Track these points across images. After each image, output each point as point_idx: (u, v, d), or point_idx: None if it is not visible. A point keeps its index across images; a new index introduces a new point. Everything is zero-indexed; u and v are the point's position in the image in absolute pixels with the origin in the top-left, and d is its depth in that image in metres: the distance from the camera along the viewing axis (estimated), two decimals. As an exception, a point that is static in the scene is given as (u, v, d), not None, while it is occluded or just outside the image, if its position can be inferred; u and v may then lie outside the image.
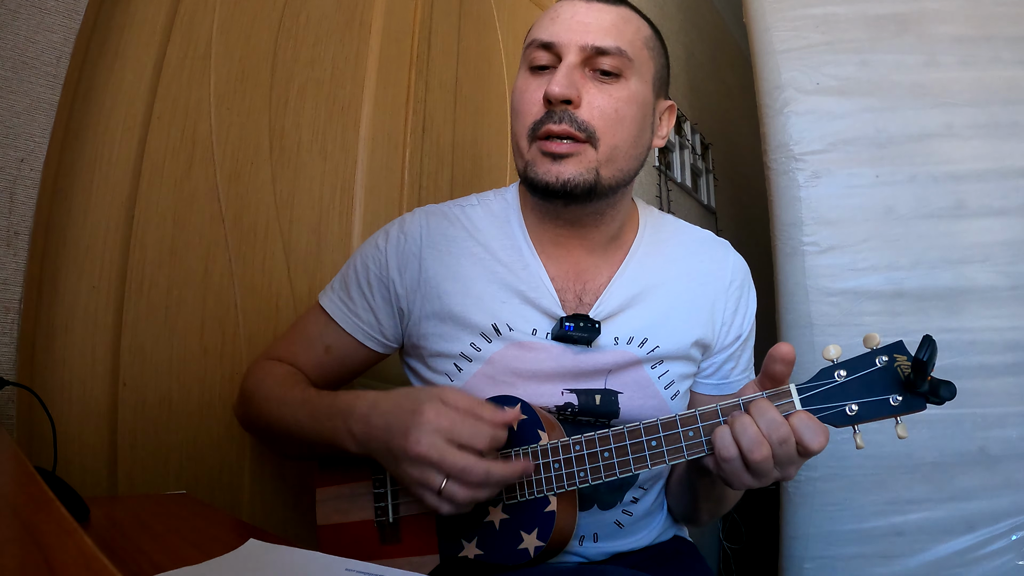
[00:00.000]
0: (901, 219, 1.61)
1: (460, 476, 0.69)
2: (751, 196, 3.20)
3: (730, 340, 0.96)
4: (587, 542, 0.89)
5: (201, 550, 0.59)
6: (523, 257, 0.91)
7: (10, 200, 0.78)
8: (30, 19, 0.81)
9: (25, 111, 0.80)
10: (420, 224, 0.93)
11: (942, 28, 1.68)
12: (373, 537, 0.84)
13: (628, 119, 0.83)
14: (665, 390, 0.90)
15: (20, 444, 0.79)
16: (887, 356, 0.71)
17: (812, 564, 1.56)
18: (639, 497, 0.92)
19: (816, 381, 0.72)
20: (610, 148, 0.82)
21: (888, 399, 0.70)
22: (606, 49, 0.81)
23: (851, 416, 0.71)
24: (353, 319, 0.93)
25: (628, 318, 0.89)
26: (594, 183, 0.82)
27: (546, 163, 0.82)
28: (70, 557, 0.33)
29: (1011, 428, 1.50)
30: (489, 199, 0.98)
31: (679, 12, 2.75)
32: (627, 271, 0.92)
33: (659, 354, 0.89)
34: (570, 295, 0.89)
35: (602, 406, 0.87)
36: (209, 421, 1.02)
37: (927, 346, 0.66)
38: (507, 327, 0.87)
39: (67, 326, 0.88)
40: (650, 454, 0.74)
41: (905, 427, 0.71)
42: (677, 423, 0.74)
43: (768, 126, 1.74)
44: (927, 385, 0.68)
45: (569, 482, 0.76)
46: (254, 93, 1.14)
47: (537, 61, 0.85)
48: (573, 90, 0.80)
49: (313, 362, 0.95)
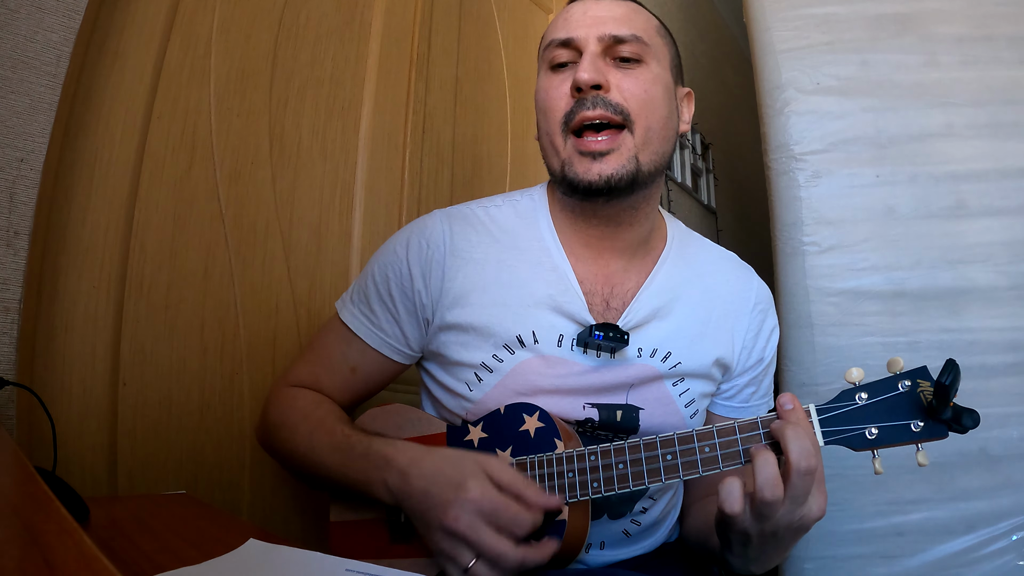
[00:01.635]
0: (901, 219, 1.61)
1: (493, 560, 0.68)
2: (751, 196, 3.20)
3: (752, 363, 0.95)
4: (593, 550, 0.88)
5: (201, 550, 0.59)
6: (551, 258, 0.89)
7: (10, 200, 0.78)
8: (30, 19, 0.81)
9: (25, 111, 0.80)
10: (443, 231, 0.90)
11: (943, 28, 1.67)
12: (383, 535, 0.85)
13: (657, 100, 0.83)
14: (685, 408, 0.89)
15: (20, 444, 0.79)
16: (910, 381, 0.70)
17: (812, 564, 1.55)
18: (648, 507, 0.91)
19: (836, 403, 0.71)
20: (645, 129, 0.82)
21: (910, 424, 0.69)
22: (623, 37, 0.82)
23: (871, 440, 0.69)
24: (378, 334, 0.90)
25: (654, 330, 0.88)
26: (635, 173, 0.81)
27: (585, 162, 0.81)
28: (70, 557, 0.33)
29: (1012, 428, 1.50)
30: (516, 199, 0.96)
31: (679, 11, 2.75)
32: (656, 280, 0.90)
33: (681, 370, 0.88)
34: (598, 299, 0.87)
35: (623, 422, 0.85)
36: (209, 421, 1.02)
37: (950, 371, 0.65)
38: (532, 337, 0.84)
39: (67, 326, 0.88)
40: (664, 466, 0.73)
41: (925, 455, 0.69)
42: (694, 438, 0.73)
43: (768, 126, 1.73)
44: (950, 412, 0.67)
45: (582, 492, 0.75)
46: (254, 93, 1.14)
47: (558, 59, 0.85)
48: (601, 76, 0.80)
49: (338, 384, 0.93)
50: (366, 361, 0.92)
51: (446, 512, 0.68)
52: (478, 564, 0.68)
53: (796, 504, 0.66)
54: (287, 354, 1.14)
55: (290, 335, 1.15)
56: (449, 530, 0.68)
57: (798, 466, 0.64)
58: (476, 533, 0.67)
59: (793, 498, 0.66)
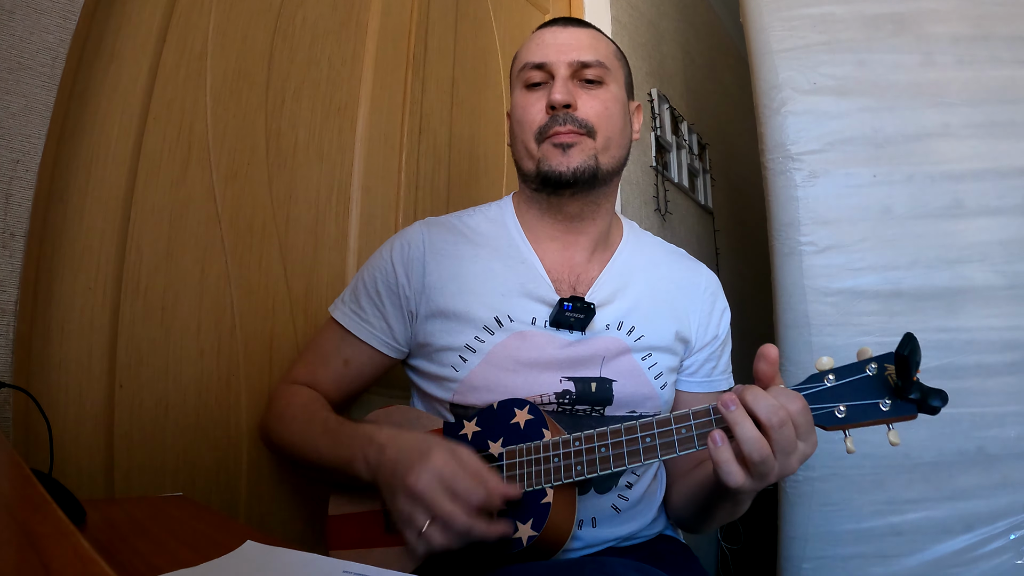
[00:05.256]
0: (898, 219, 1.62)
1: (444, 522, 0.73)
2: (748, 196, 3.21)
3: (708, 339, 1.07)
4: (586, 526, 0.93)
5: (198, 552, 0.59)
6: (520, 253, 1.01)
7: (6, 201, 0.78)
8: (25, 20, 0.81)
9: (20, 112, 0.80)
10: (422, 234, 1.02)
11: (939, 27, 1.68)
12: (379, 525, 0.88)
13: (615, 115, 0.99)
14: (655, 380, 0.98)
15: (16, 446, 0.79)
16: (876, 364, 0.73)
17: (810, 564, 1.56)
18: (633, 482, 0.97)
19: (805, 384, 0.75)
20: (605, 138, 0.97)
21: (878, 403, 0.72)
22: (589, 62, 0.98)
23: (840, 418, 0.73)
24: (366, 327, 1.00)
25: (616, 306, 0.99)
26: (596, 168, 0.96)
27: (557, 155, 0.95)
28: (67, 560, 0.33)
29: (1009, 427, 1.50)
30: (484, 209, 1.10)
31: (676, 12, 2.75)
32: (615, 266, 1.03)
33: (645, 344, 0.98)
34: (564, 284, 0.99)
35: (598, 392, 0.94)
36: (206, 423, 1.02)
37: (908, 343, 0.67)
38: (508, 318, 0.95)
39: (63, 328, 0.88)
40: (644, 448, 0.78)
41: (897, 434, 0.72)
42: (671, 420, 0.77)
43: (765, 126, 1.74)
44: (916, 391, 0.69)
45: (567, 474, 0.80)
46: (250, 94, 1.14)
47: (532, 80, 1.00)
48: (571, 97, 0.96)
49: (332, 377, 1.02)
50: (357, 354, 1.01)
51: (408, 474, 0.75)
52: (431, 528, 0.74)
53: (787, 454, 0.71)
54: (284, 355, 1.13)
55: (287, 336, 1.15)
56: (409, 490, 0.75)
57: (769, 422, 0.69)
58: (432, 493, 0.73)
59: (782, 450, 0.70)
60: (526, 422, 0.85)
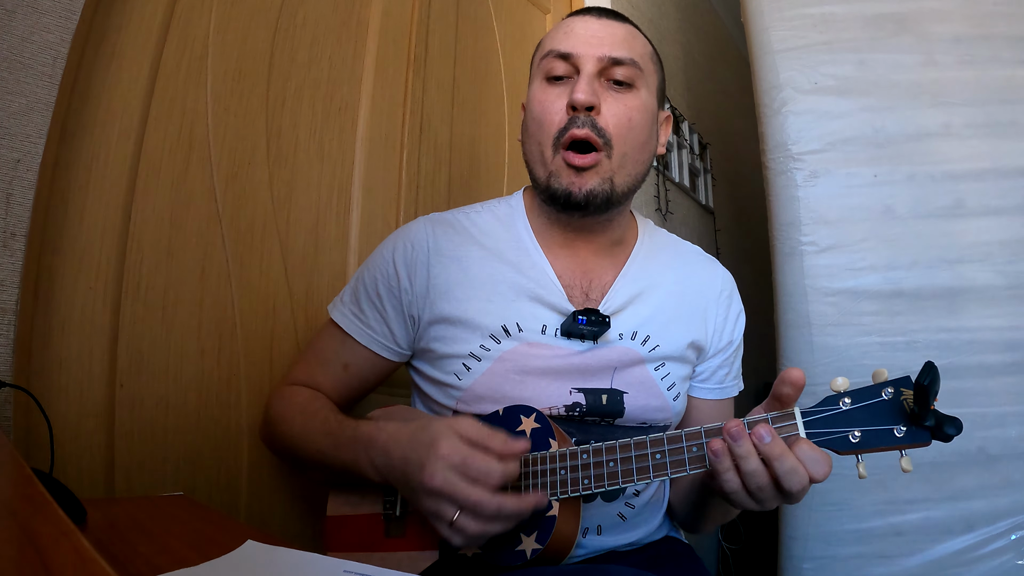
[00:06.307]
0: (899, 218, 1.61)
1: (473, 510, 0.70)
2: (749, 196, 3.20)
3: (723, 345, 1.01)
4: (591, 534, 0.90)
5: (199, 552, 0.59)
6: (530, 256, 0.95)
7: (6, 201, 0.78)
8: (26, 19, 0.81)
9: (21, 112, 0.80)
10: (426, 232, 0.96)
11: (940, 27, 1.68)
12: (379, 529, 0.86)
13: (638, 127, 0.89)
14: (668, 391, 0.93)
15: (17, 446, 0.79)
16: (893, 389, 0.71)
17: (811, 564, 1.56)
18: (640, 490, 0.94)
19: (821, 407, 0.73)
20: (620, 155, 0.88)
21: (892, 429, 0.70)
22: (621, 59, 0.88)
23: (854, 443, 0.71)
24: (367, 331, 0.96)
25: (632, 314, 0.93)
26: (610, 192, 0.88)
27: (570, 175, 0.87)
28: (67, 559, 0.33)
29: (1010, 427, 1.50)
30: (494, 205, 1.02)
31: (677, 11, 2.75)
32: (630, 271, 0.97)
33: (660, 354, 0.93)
34: (577, 291, 0.93)
35: (609, 405, 0.89)
36: (206, 422, 1.02)
37: (929, 372, 0.66)
38: (517, 327, 0.89)
39: (64, 328, 0.88)
40: (653, 465, 0.75)
41: (909, 460, 0.70)
42: (682, 438, 0.75)
43: (766, 126, 1.74)
44: (932, 418, 0.68)
45: (573, 488, 0.77)
46: (251, 94, 1.14)
47: (555, 71, 0.90)
48: (595, 98, 0.86)
49: (332, 381, 0.98)
50: (357, 358, 0.97)
51: (423, 471, 0.71)
52: (461, 516, 0.70)
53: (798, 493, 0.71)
54: (284, 355, 1.13)
55: (287, 336, 1.15)
56: (428, 488, 0.71)
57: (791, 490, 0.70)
58: (452, 486, 0.70)
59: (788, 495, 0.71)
60: (532, 431, 0.82)
